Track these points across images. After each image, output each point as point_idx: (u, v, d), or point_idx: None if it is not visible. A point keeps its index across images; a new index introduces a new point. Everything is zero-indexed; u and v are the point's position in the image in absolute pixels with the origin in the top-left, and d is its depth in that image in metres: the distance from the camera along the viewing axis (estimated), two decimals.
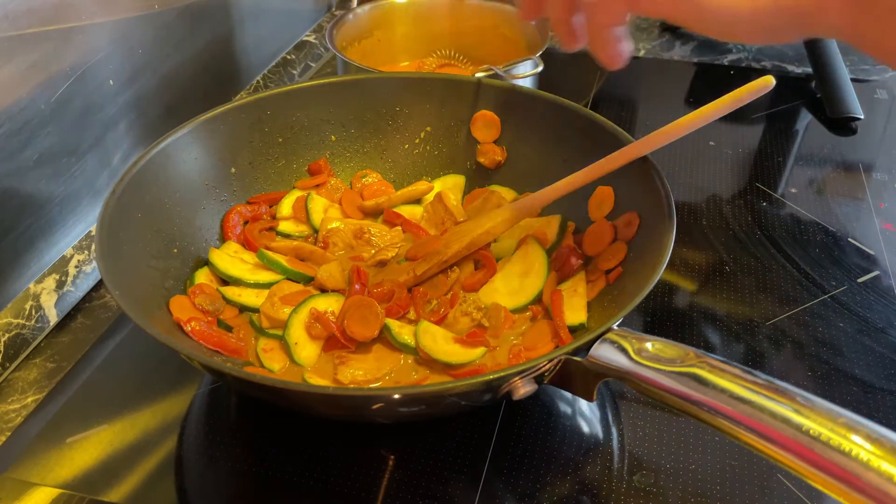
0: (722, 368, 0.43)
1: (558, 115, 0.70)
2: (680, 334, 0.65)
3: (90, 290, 0.71)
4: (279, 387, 0.48)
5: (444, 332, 0.59)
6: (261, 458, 0.55)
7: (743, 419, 0.41)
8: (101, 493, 0.53)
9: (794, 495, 0.52)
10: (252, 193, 0.72)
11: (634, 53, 1.11)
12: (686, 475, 0.53)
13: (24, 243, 0.66)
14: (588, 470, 0.54)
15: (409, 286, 0.64)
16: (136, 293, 0.54)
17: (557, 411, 0.58)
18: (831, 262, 0.72)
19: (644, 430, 0.57)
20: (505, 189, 0.73)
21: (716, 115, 0.61)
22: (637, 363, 0.45)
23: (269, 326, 0.61)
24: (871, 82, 1.03)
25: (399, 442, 0.56)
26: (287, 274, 0.64)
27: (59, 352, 0.65)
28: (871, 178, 0.85)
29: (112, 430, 0.57)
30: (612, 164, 0.62)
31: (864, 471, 0.36)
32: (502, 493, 0.52)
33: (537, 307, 0.62)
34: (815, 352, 0.63)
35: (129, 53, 0.76)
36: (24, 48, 0.63)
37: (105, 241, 0.55)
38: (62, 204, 0.70)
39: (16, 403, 0.60)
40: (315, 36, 1.13)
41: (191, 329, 0.57)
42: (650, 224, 0.59)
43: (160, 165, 0.64)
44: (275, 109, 0.72)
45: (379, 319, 0.58)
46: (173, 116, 0.83)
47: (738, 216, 0.79)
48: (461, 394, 0.49)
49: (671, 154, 0.62)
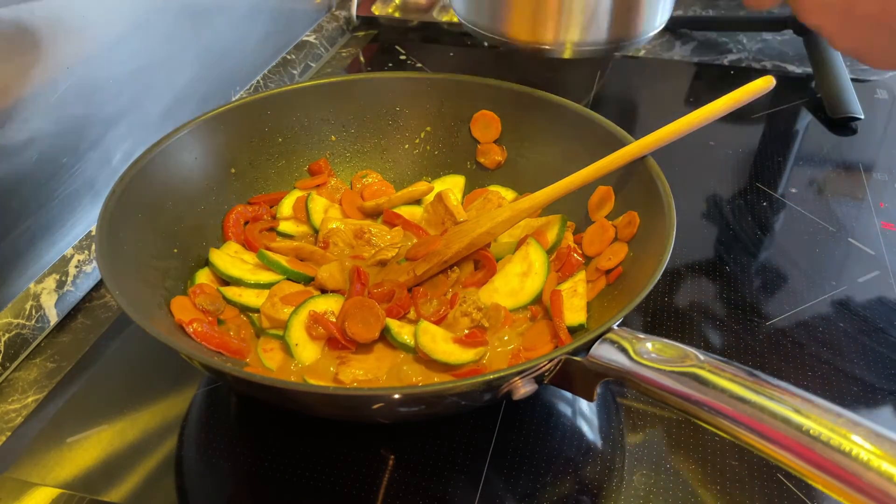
0: (722, 368, 0.43)
1: (558, 115, 0.70)
2: (680, 334, 0.65)
3: (90, 290, 0.71)
4: (279, 387, 0.48)
5: (444, 332, 0.59)
6: (261, 458, 0.55)
7: (743, 419, 0.41)
8: (101, 493, 0.53)
9: (794, 495, 0.52)
10: (252, 193, 0.72)
11: (634, 53, 1.11)
12: (686, 475, 0.53)
13: (24, 243, 0.66)
14: (588, 470, 0.54)
15: (410, 286, 0.64)
16: (136, 293, 0.54)
17: (557, 411, 0.58)
18: (831, 262, 0.72)
19: (644, 430, 0.57)
20: (505, 189, 0.73)
21: (716, 116, 0.61)
22: (637, 363, 0.45)
23: (270, 327, 0.61)
24: (871, 82, 1.03)
25: (399, 442, 0.56)
26: (287, 274, 0.64)
27: (59, 352, 0.65)
28: (871, 178, 0.85)
29: (112, 430, 0.57)
30: (612, 164, 0.62)
31: (864, 471, 0.36)
32: (502, 493, 0.52)
33: (537, 307, 0.62)
34: (815, 352, 0.63)
35: (130, 53, 0.76)
36: (25, 48, 0.63)
37: (105, 241, 0.55)
38: (62, 204, 0.70)
39: (16, 403, 0.60)
40: (315, 36, 1.13)
41: (193, 330, 0.57)
42: (650, 224, 0.59)
43: (160, 165, 0.64)
44: (275, 109, 0.72)
45: (380, 321, 0.58)
46: (173, 116, 0.83)
47: (738, 216, 0.79)
48: (461, 394, 0.49)
49: (671, 154, 0.62)
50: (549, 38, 0.86)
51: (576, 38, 0.85)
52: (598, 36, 0.85)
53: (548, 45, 0.86)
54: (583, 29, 0.84)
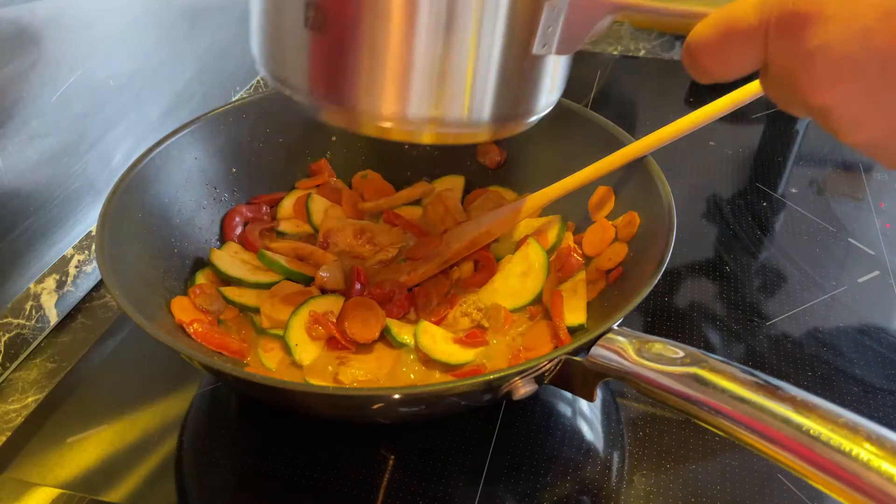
0: (722, 368, 0.43)
1: (558, 115, 0.70)
2: (680, 334, 0.65)
3: (90, 290, 0.71)
4: (279, 387, 0.48)
5: (444, 333, 0.59)
6: (261, 458, 0.55)
7: (743, 419, 0.41)
8: (101, 493, 0.53)
9: (794, 495, 0.52)
10: (252, 194, 0.72)
11: (634, 53, 1.11)
12: (686, 475, 0.53)
13: (24, 243, 0.66)
14: (588, 470, 0.54)
15: (410, 286, 0.64)
16: (136, 293, 0.54)
17: (557, 411, 0.58)
18: (831, 262, 0.72)
19: (644, 430, 0.57)
20: (505, 189, 0.73)
21: (716, 116, 0.61)
22: (637, 363, 0.45)
23: (270, 327, 0.61)
24: None
25: (399, 442, 0.56)
26: (287, 274, 0.64)
27: (59, 352, 0.65)
28: (871, 178, 0.85)
29: (112, 430, 0.57)
30: (612, 164, 0.62)
31: (864, 471, 0.36)
32: (502, 494, 0.52)
33: (537, 307, 0.62)
34: (815, 352, 0.63)
35: (129, 53, 0.76)
36: (25, 48, 0.63)
37: (105, 241, 0.55)
38: (62, 204, 0.70)
39: (16, 403, 0.60)
40: None
41: (193, 330, 0.57)
42: (650, 224, 0.59)
43: (160, 165, 0.64)
44: (275, 109, 0.72)
45: (380, 321, 0.58)
46: (173, 116, 0.83)
47: (738, 216, 0.79)
48: (461, 394, 0.49)
49: (671, 154, 0.62)
50: (394, 110, 0.45)
51: (432, 114, 0.45)
52: (462, 112, 0.46)
53: (394, 121, 0.45)
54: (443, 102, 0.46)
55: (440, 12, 0.40)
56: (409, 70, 0.42)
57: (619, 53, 1.10)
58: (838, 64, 0.33)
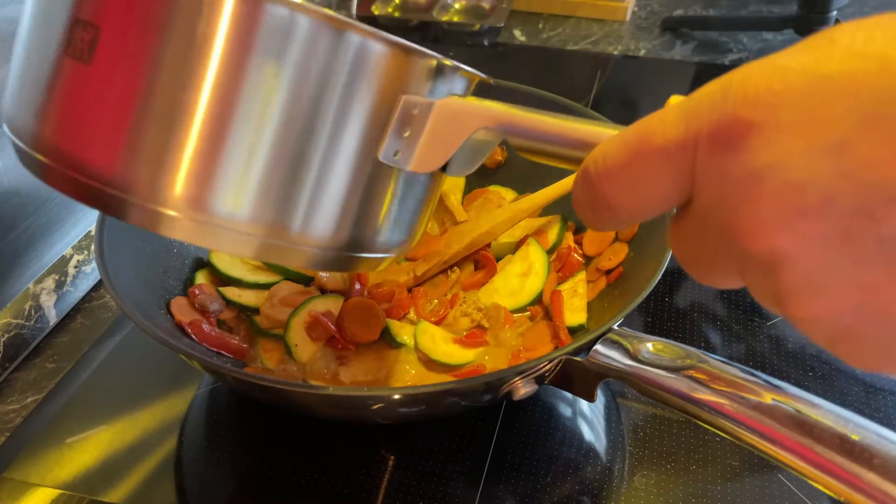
0: (722, 369, 0.43)
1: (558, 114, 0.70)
2: (680, 334, 0.65)
3: (90, 290, 0.71)
4: (279, 387, 0.48)
5: (443, 333, 0.59)
6: (261, 458, 0.55)
7: (743, 419, 0.41)
8: (101, 494, 0.53)
9: (794, 495, 0.52)
10: None
11: (635, 53, 1.11)
12: (686, 475, 0.53)
13: (23, 243, 0.66)
14: (588, 470, 0.54)
15: (410, 286, 0.64)
16: (136, 293, 0.54)
17: (558, 412, 0.58)
18: None
19: (644, 430, 0.57)
20: (505, 189, 0.73)
21: None
22: (637, 363, 0.45)
23: (270, 327, 0.61)
24: None
25: (399, 442, 0.56)
26: (287, 274, 0.64)
27: (59, 352, 0.65)
28: None
29: (112, 430, 0.57)
30: None
31: (864, 471, 0.36)
32: (502, 494, 0.52)
33: (537, 308, 0.62)
34: (816, 352, 0.63)
35: None
36: None
37: (105, 240, 0.55)
38: (62, 204, 0.70)
39: (15, 403, 0.60)
40: None
41: (193, 331, 0.57)
42: (650, 224, 0.59)
43: None
44: None
45: (380, 321, 0.58)
46: None
47: None
48: (461, 394, 0.49)
49: None
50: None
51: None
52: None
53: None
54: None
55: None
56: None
57: (620, 53, 1.10)
58: (799, 192, 0.22)
